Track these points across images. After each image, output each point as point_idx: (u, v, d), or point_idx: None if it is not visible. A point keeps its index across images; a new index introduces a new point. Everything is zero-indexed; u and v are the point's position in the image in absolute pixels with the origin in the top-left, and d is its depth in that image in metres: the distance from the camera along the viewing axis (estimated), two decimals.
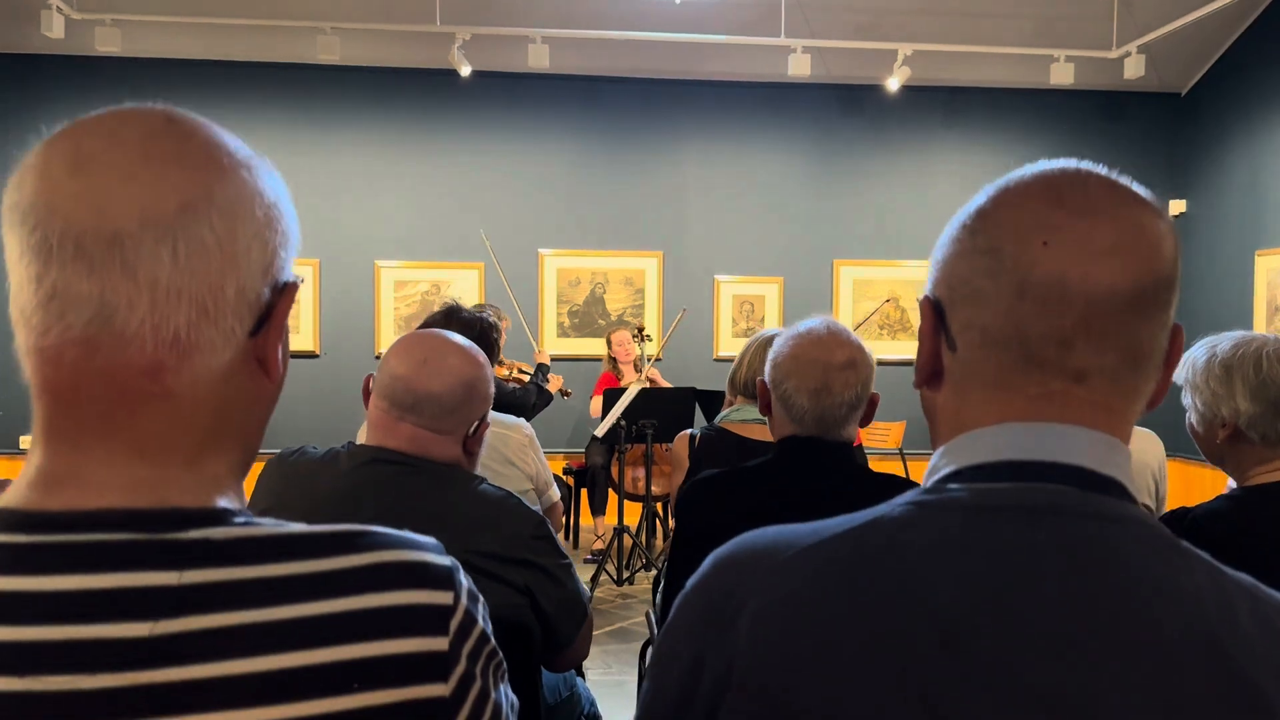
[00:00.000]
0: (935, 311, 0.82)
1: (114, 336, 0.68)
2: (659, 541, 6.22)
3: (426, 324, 2.71)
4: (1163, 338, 0.78)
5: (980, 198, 0.83)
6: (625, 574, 5.59)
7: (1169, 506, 3.45)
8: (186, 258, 0.68)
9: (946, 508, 0.76)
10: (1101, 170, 0.81)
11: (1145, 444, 2.77)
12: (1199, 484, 6.60)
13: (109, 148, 0.69)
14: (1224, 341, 1.81)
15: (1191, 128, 7.65)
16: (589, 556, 6.20)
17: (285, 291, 0.76)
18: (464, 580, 0.79)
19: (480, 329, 2.69)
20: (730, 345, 7.54)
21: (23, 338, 0.69)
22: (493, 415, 2.05)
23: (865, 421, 1.81)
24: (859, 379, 1.75)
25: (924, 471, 0.85)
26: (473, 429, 1.69)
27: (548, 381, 5.62)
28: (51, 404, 0.69)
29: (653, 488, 5.73)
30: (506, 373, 5.28)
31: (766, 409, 1.84)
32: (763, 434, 2.44)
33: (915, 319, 7.61)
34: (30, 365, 0.69)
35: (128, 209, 0.67)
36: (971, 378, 0.80)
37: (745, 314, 7.59)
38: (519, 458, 2.65)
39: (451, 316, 2.70)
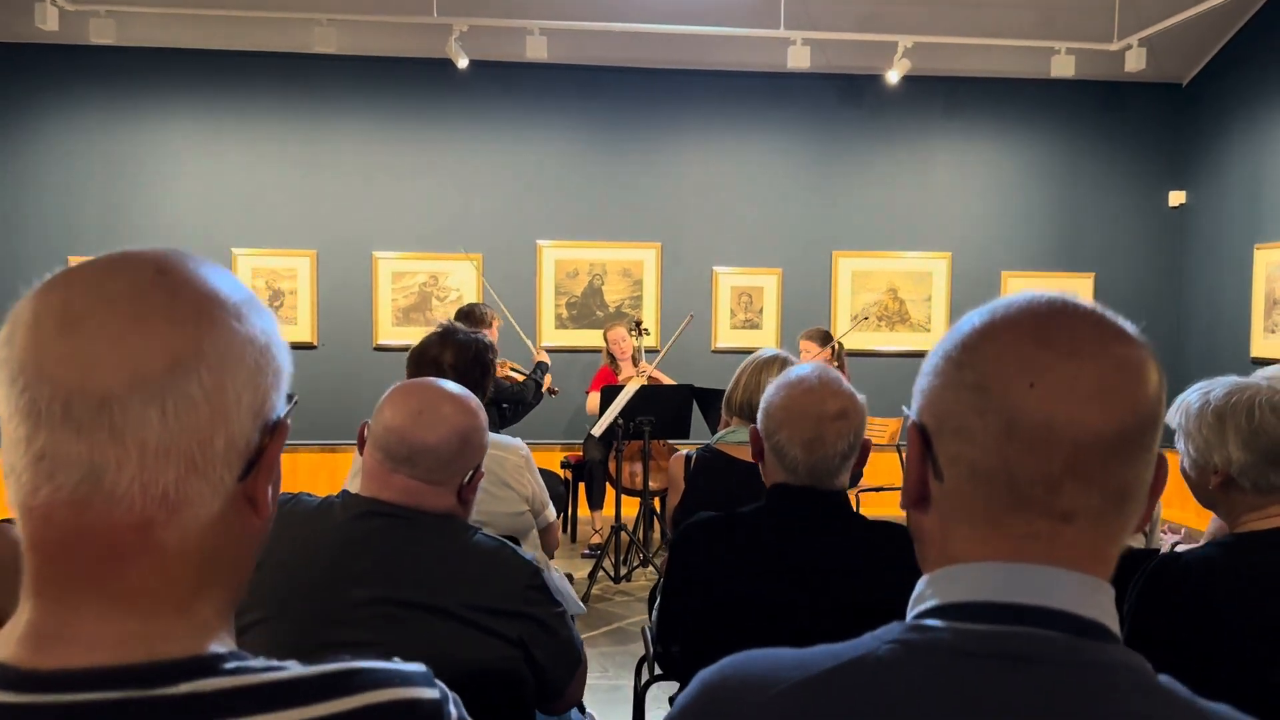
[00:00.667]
0: (922, 438, 0.83)
1: (104, 496, 0.68)
2: (656, 536, 6.25)
3: (423, 345, 2.72)
4: (1148, 475, 0.79)
5: (965, 326, 0.83)
6: (623, 570, 5.61)
7: (1165, 500, 3.48)
8: (175, 416, 0.69)
9: (931, 650, 0.76)
10: (1086, 304, 0.81)
11: None
12: None
13: (98, 306, 0.69)
14: (1217, 388, 1.81)
15: (1192, 119, 7.62)
16: (586, 551, 6.23)
17: (276, 432, 0.76)
18: (453, 710, 0.80)
19: (475, 350, 2.69)
20: (728, 337, 7.54)
21: (13, 493, 0.70)
22: (489, 437, 2.05)
23: (858, 467, 1.81)
24: (851, 429, 1.76)
25: None
26: (467, 478, 1.70)
27: (545, 377, 5.67)
28: (42, 560, 0.70)
29: (650, 483, 5.75)
30: (502, 372, 5.29)
31: (759, 456, 1.84)
32: None
33: (913, 311, 7.62)
34: (20, 521, 0.70)
35: (116, 372, 0.67)
36: (958, 510, 0.80)
37: (744, 306, 7.58)
38: (515, 479, 2.66)
39: (448, 337, 2.70)
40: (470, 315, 5.36)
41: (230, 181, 7.19)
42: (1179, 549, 2.78)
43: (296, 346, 6.16)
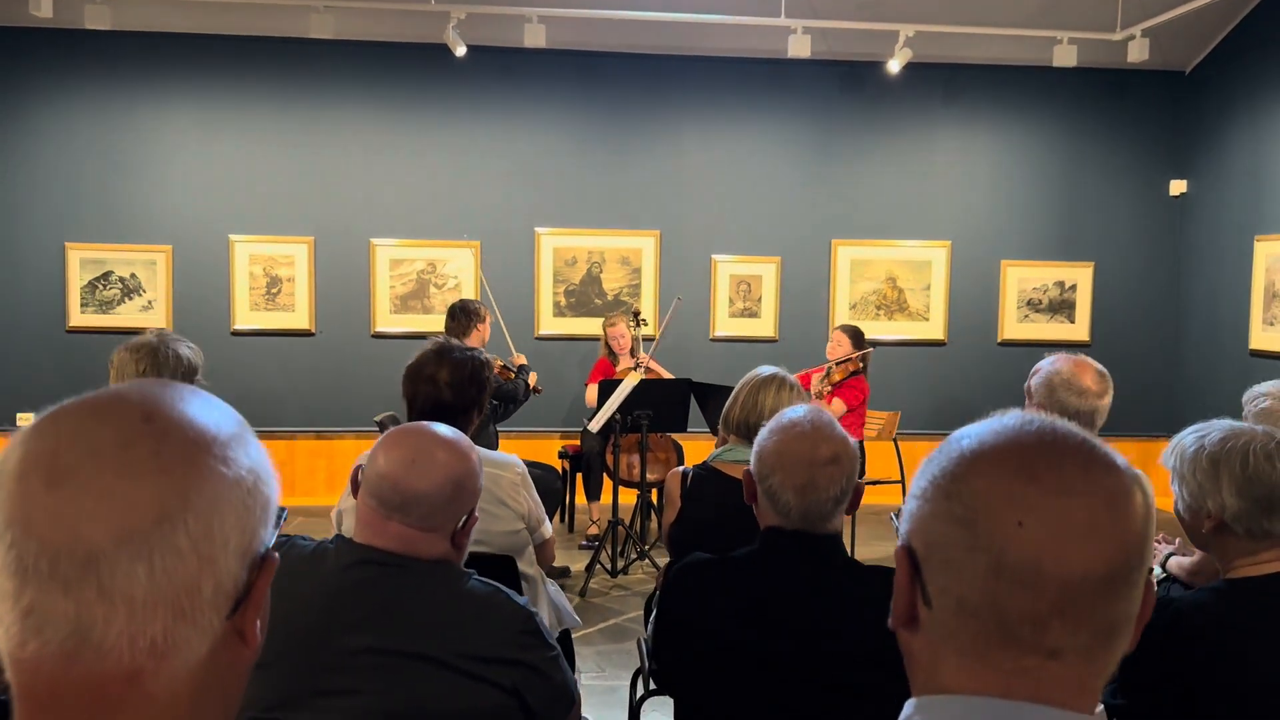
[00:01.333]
0: (911, 563, 0.83)
1: (92, 650, 0.68)
2: (654, 527, 6.27)
3: (419, 361, 2.72)
4: (1134, 610, 0.79)
5: (954, 450, 0.82)
6: (620, 564, 5.63)
7: (1160, 497, 3.50)
8: (163, 569, 0.69)
9: None
10: (1075, 433, 0.81)
11: None
12: None
13: (85, 459, 0.69)
14: (1213, 432, 1.81)
15: (1194, 108, 7.57)
16: (584, 542, 6.26)
17: (264, 566, 0.77)
18: None
19: (471, 368, 2.69)
20: (727, 326, 7.53)
21: (2, 644, 0.70)
22: (484, 454, 2.05)
23: (851, 509, 1.82)
24: (843, 473, 1.76)
25: (920, 459, 0.86)
26: (461, 524, 1.70)
27: (530, 375, 5.71)
28: (31, 708, 0.70)
29: (648, 474, 5.76)
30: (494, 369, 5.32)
31: (753, 498, 1.85)
32: None
33: (912, 300, 7.60)
34: (9, 670, 0.70)
35: (103, 527, 0.67)
36: (947, 640, 0.80)
37: (742, 294, 7.57)
38: (510, 497, 2.66)
39: (444, 354, 2.70)
40: (465, 310, 5.37)
41: (227, 168, 7.16)
42: (1173, 560, 2.80)
43: (294, 334, 6.11)
